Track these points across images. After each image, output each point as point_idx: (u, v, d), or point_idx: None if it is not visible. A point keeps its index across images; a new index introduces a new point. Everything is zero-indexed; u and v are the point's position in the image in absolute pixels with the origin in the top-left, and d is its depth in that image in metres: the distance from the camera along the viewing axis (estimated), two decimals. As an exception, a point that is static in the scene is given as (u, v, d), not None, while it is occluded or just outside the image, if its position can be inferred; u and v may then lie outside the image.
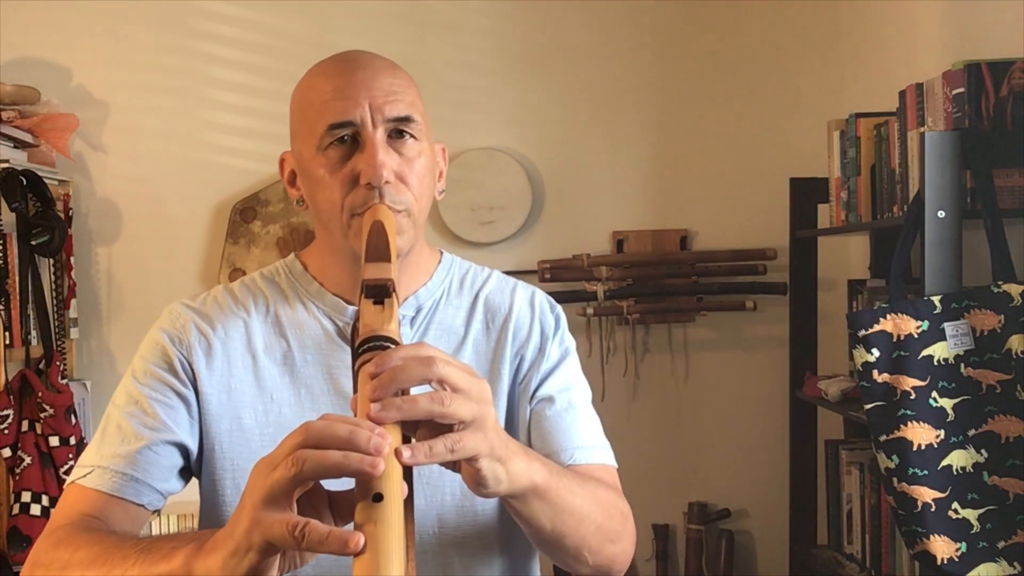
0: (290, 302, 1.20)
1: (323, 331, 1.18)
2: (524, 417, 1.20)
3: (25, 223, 2.50)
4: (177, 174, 2.92)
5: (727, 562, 2.94)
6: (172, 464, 1.14)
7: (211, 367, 1.16)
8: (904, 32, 2.62)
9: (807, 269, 2.76)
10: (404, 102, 1.12)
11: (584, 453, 1.17)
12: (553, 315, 1.26)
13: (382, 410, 0.82)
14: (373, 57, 1.17)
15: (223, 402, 1.15)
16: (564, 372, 1.23)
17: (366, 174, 1.08)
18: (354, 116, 1.09)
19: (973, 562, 1.71)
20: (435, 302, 1.22)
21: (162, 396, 1.14)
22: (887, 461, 1.76)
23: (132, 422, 1.12)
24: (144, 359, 1.17)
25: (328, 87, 1.12)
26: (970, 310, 1.75)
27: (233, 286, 1.24)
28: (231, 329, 1.18)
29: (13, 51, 2.85)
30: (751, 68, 3.01)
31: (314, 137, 1.11)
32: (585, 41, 2.99)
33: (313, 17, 2.92)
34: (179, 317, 1.19)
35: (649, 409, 3.03)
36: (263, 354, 1.17)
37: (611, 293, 2.90)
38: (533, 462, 0.97)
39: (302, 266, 1.23)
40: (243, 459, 1.14)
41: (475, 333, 1.21)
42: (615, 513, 1.11)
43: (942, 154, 1.79)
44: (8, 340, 2.45)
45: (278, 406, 1.16)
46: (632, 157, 3.01)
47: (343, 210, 1.10)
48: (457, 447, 0.85)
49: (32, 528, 2.39)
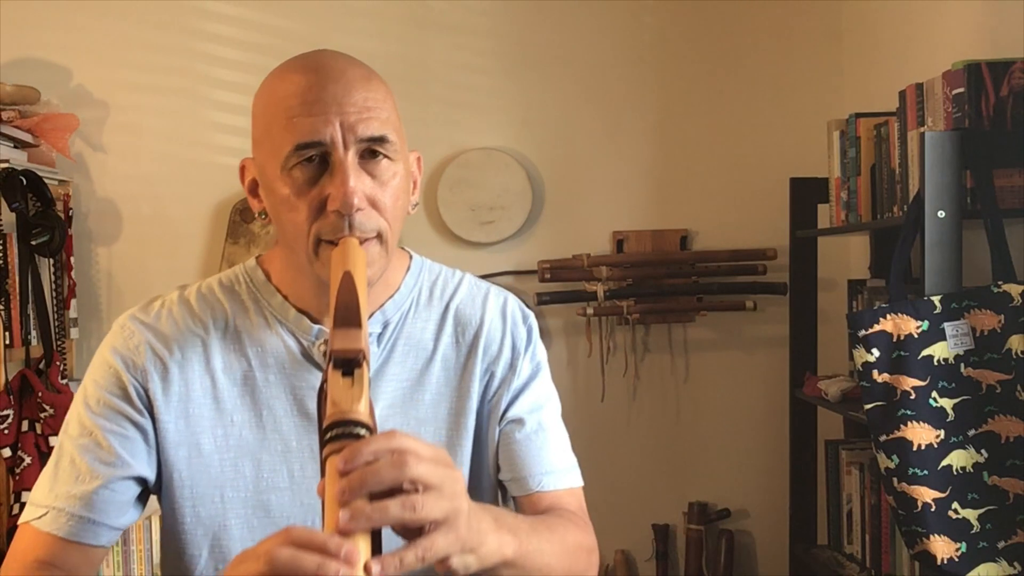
0: (251, 316, 1.13)
1: (286, 350, 1.12)
2: (493, 437, 1.17)
3: (25, 223, 2.50)
4: (177, 174, 2.92)
5: (727, 562, 2.94)
6: (129, 497, 1.09)
7: (168, 392, 1.10)
8: (904, 32, 2.62)
9: (807, 269, 2.76)
10: (379, 119, 1.03)
11: (552, 479, 1.17)
12: (525, 326, 1.21)
13: (351, 521, 0.79)
14: (346, 64, 1.06)
15: (181, 428, 1.10)
16: (535, 389, 1.19)
17: (335, 201, 1.01)
18: (324, 136, 1.01)
19: (973, 562, 1.71)
20: (403, 316, 1.16)
21: (117, 427, 1.08)
22: (887, 461, 1.76)
23: (87, 457, 1.07)
24: (97, 385, 1.11)
25: (296, 100, 1.03)
26: (970, 310, 1.75)
27: (189, 296, 1.16)
28: (188, 350, 1.11)
29: (13, 51, 2.85)
30: (751, 68, 3.01)
31: (279, 154, 1.03)
32: (585, 41, 2.99)
33: (313, 17, 2.93)
34: (132, 336, 1.12)
35: (649, 409, 3.03)
36: (222, 374, 1.11)
37: (611, 293, 2.90)
38: (504, 535, 0.95)
39: (264, 275, 1.16)
40: (203, 485, 1.10)
41: (444, 348, 1.17)
42: (580, 554, 1.11)
43: (942, 154, 1.79)
44: (8, 340, 2.45)
45: (238, 429, 1.11)
46: (632, 157, 3.01)
47: (309, 235, 1.03)
48: (428, 555, 0.83)
49: (32, 528, 2.39)
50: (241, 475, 1.10)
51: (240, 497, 1.10)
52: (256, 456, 1.10)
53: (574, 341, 3.00)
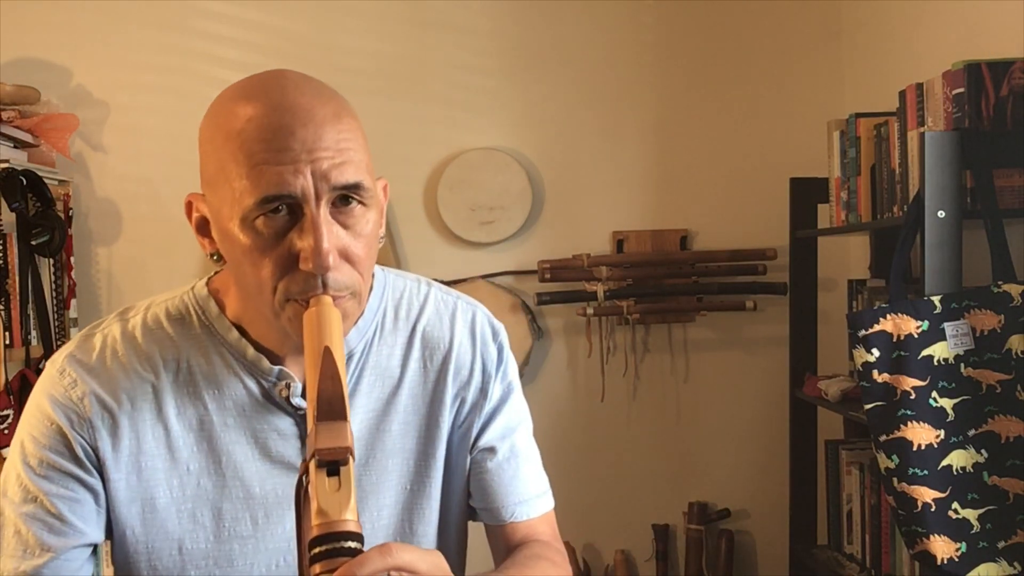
0: (206, 356, 1.04)
1: (246, 392, 1.04)
2: (463, 465, 1.14)
3: (25, 223, 2.50)
4: (177, 174, 2.92)
5: (727, 562, 2.94)
6: (81, 563, 1.01)
7: (117, 448, 1.01)
8: (904, 32, 2.62)
9: (807, 269, 2.76)
10: (353, 164, 0.93)
11: (524, 508, 1.15)
12: (496, 344, 1.15)
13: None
14: (313, 100, 0.94)
15: (133, 484, 1.02)
16: (507, 412, 1.15)
17: (307, 261, 0.91)
18: (294, 188, 0.90)
19: (973, 562, 1.71)
20: (368, 343, 1.09)
21: (66, 490, 0.99)
22: (887, 461, 1.76)
23: (34, 528, 0.98)
24: (37, 443, 1.00)
25: (259, 144, 0.91)
26: (970, 310, 1.75)
27: (134, 329, 1.05)
28: (138, 398, 1.01)
29: (13, 51, 2.85)
30: (751, 68, 3.01)
31: (239, 204, 0.92)
32: (585, 41, 2.99)
33: (313, 17, 2.93)
34: (74, 387, 1.01)
35: (649, 409, 3.03)
36: (175, 420, 1.03)
37: (611, 293, 2.90)
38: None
39: (217, 306, 1.06)
40: (159, 540, 1.03)
41: (412, 373, 1.10)
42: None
43: (942, 154, 1.79)
44: (8, 340, 2.45)
45: (195, 478, 1.03)
46: (632, 157, 3.01)
47: (276, 292, 0.94)
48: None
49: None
50: (200, 526, 1.03)
51: (200, 549, 1.04)
52: (216, 505, 1.03)
53: (574, 341, 3.00)
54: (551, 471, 1.25)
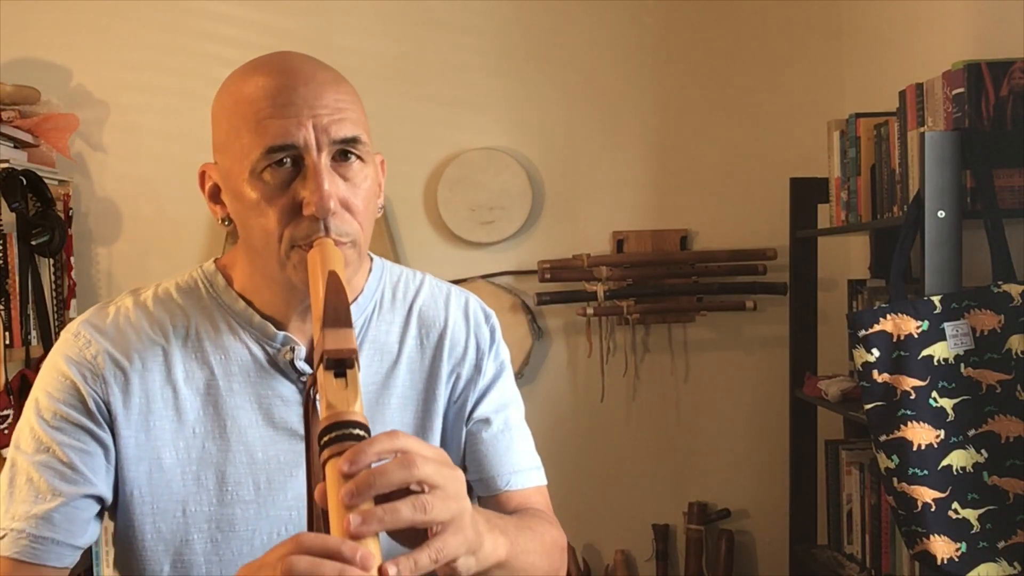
0: (213, 323, 1.09)
1: (251, 358, 1.09)
2: (459, 438, 1.17)
3: (25, 223, 2.50)
4: (177, 174, 2.92)
5: (727, 562, 2.94)
6: (90, 515, 1.05)
7: (128, 405, 1.06)
8: (904, 32, 2.62)
9: (807, 269, 2.76)
10: (351, 120, 1.02)
11: (519, 478, 1.18)
12: (488, 326, 1.21)
13: (363, 525, 0.78)
14: (316, 67, 1.05)
15: (141, 443, 1.06)
16: (500, 389, 1.20)
17: (311, 205, 0.98)
18: (297, 138, 0.99)
19: (973, 562, 1.71)
20: (367, 319, 1.15)
21: (77, 442, 1.04)
22: (887, 461, 1.76)
23: (46, 475, 1.02)
24: (52, 397, 1.05)
25: (265, 102, 1.00)
26: (970, 310, 1.75)
27: (146, 300, 1.11)
28: (149, 359, 1.07)
29: (13, 51, 2.85)
30: (751, 68, 3.01)
31: (247, 158, 1.00)
32: (585, 41, 2.99)
33: (313, 17, 2.93)
34: (89, 346, 1.07)
35: (649, 409, 3.03)
36: (184, 385, 1.07)
37: (611, 293, 2.90)
38: (498, 537, 0.95)
39: (225, 280, 1.12)
40: (164, 500, 1.06)
41: (409, 350, 1.16)
42: (555, 552, 1.13)
43: (942, 154, 1.79)
44: (8, 340, 2.45)
45: (200, 440, 1.07)
46: (632, 157, 3.01)
47: (281, 241, 1.01)
48: (440, 555, 0.83)
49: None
50: (204, 488, 1.07)
51: (203, 511, 1.07)
52: (220, 468, 1.07)
53: (574, 341, 3.00)
54: (551, 471, 1.25)
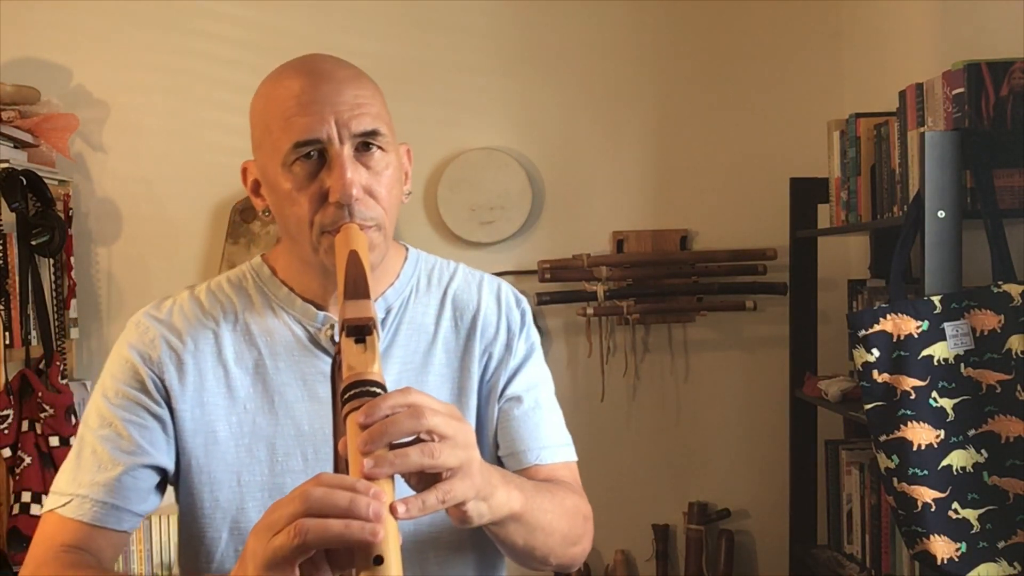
0: (259, 309, 1.19)
1: (294, 338, 1.18)
2: (492, 415, 1.22)
3: (25, 223, 2.50)
4: (177, 174, 2.92)
5: (727, 562, 2.94)
6: (149, 485, 1.14)
7: (183, 383, 1.15)
8: (904, 32, 2.62)
9: (807, 269, 2.76)
10: (370, 115, 1.10)
11: (549, 453, 1.22)
12: (519, 309, 1.27)
13: (376, 467, 0.84)
14: (336, 66, 1.14)
15: (197, 416, 1.15)
16: (530, 369, 1.25)
17: (335, 192, 1.07)
18: (320, 133, 1.08)
19: (973, 562, 1.71)
20: (404, 301, 1.22)
21: (136, 417, 1.14)
22: (887, 461, 1.76)
23: (107, 447, 1.12)
24: (115, 378, 1.16)
25: (292, 101, 1.10)
26: (970, 310, 1.75)
27: (199, 293, 1.22)
28: (201, 341, 1.17)
29: (13, 51, 2.85)
30: (751, 68, 3.01)
31: (279, 153, 1.10)
32: (585, 41, 2.99)
33: (313, 17, 2.93)
34: (147, 332, 1.17)
35: (649, 409, 3.03)
36: (234, 364, 1.17)
37: (611, 293, 2.90)
38: (512, 491, 1.01)
39: (270, 270, 1.22)
40: (220, 471, 1.15)
41: (444, 331, 1.23)
42: (578, 518, 1.17)
43: (942, 154, 1.79)
44: (8, 340, 2.45)
45: (251, 416, 1.16)
46: (632, 157, 3.01)
47: (312, 227, 1.10)
48: (448, 497, 0.89)
49: (32, 528, 2.37)
50: (256, 460, 1.15)
51: (256, 481, 1.15)
52: (270, 441, 1.15)
53: (574, 341, 3.00)
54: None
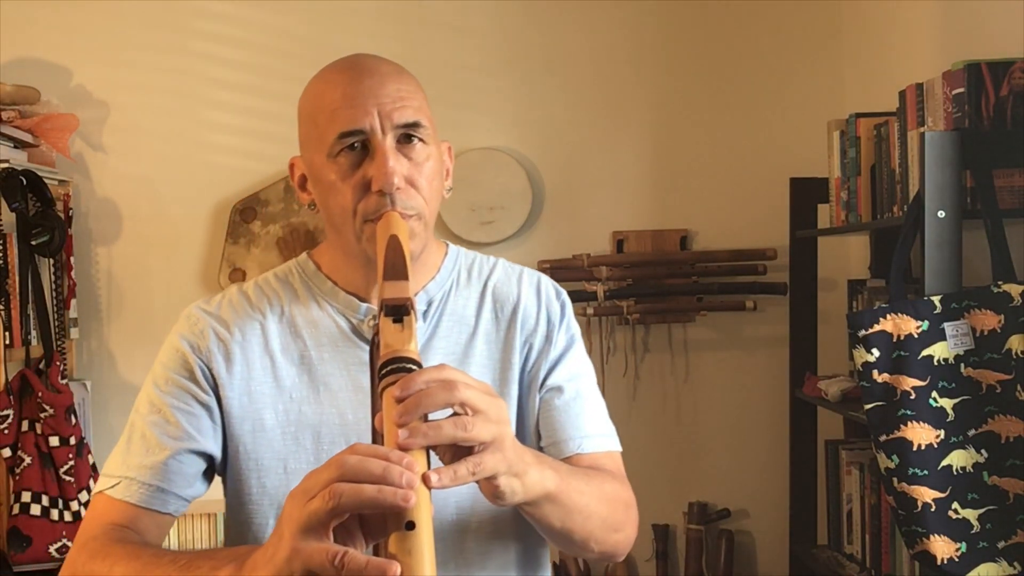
0: (304, 302, 1.23)
1: (338, 329, 1.21)
2: (533, 406, 1.23)
3: (25, 223, 2.50)
4: (177, 174, 2.92)
5: (727, 562, 2.94)
6: (196, 471, 1.17)
7: (231, 371, 1.19)
8: (904, 32, 2.62)
9: (807, 269, 2.76)
10: (412, 107, 1.14)
11: (590, 442, 1.22)
12: (559, 301, 1.29)
13: (410, 437, 0.86)
14: (379, 62, 1.19)
15: (244, 404, 1.18)
16: (571, 360, 1.26)
17: (378, 181, 1.10)
18: (363, 124, 1.12)
19: (973, 562, 1.71)
20: (445, 294, 1.25)
21: (184, 404, 1.17)
22: (887, 461, 1.76)
23: (156, 431, 1.16)
24: (165, 367, 1.20)
25: (337, 95, 1.14)
26: (970, 310, 1.75)
27: (247, 288, 1.26)
28: (248, 332, 1.21)
29: (13, 51, 2.85)
30: (751, 68, 3.01)
31: (324, 144, 1.13)
32: (585, 41, 2.99)
33: (313, 17, 2.92)
34: (197, 322, 1.21)
35: (649, 409, 3.03)
36: (280, 355, 1.20)
37: (611, 293, 2.90)
38: (546, 470, 1.02)
39: (315, 265, 1.26)
40: (267, 458, 1.18)
41: (485, 323, 1.25)
42: (619, 504, 1.16)
43: (942, 154, 1.79)
44: (8, 340, 2.45)
45: (297, 404, 1.19)
46: (632, 157, 3.01)
47: (355, 216, 1.13)
48: (478, 469, 0.91)
49: (32, 528, 2.39)
50: (302, 448, 1.18)
51: (302, 468, 1.16)
52: (316, 430, 1.18)
53: (574, 341, 3.00)
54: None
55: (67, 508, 2.44)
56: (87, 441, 2.62)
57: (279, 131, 2.87)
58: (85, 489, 2.51)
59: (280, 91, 2.83)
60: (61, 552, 2.42)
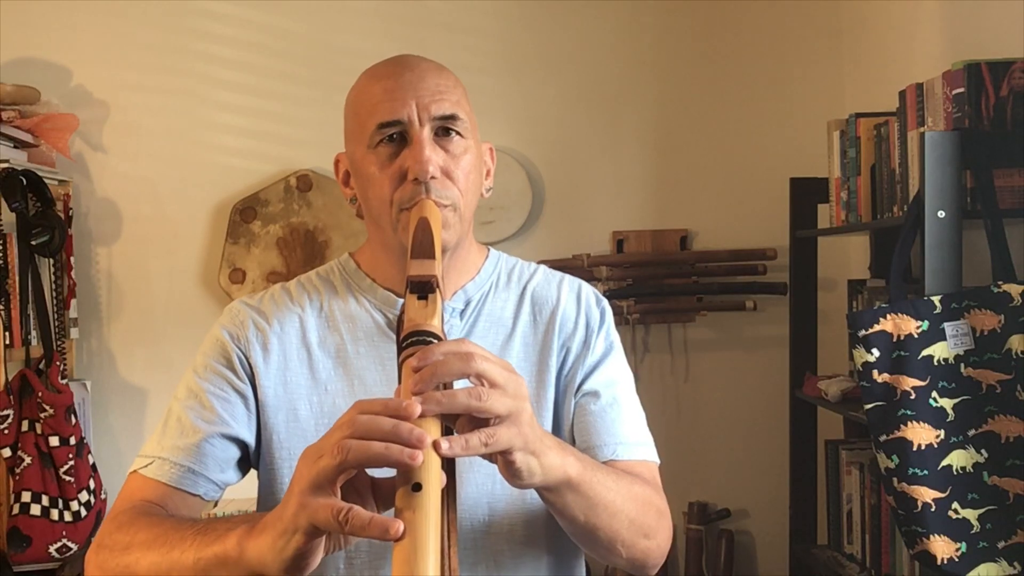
0: (343, 297, 1.25)
1: (375, 324, 1.23)
2: (569, 410, 1.23)
3: (25, 223, 2.50)
4: (177, 174, 2.92)
5: (727, 562, 2.94)
6: (228, 456, 1.19)
7: (268, 361, 1.21)
8: (904, 32, 2.62)
9: (807, 269, 2.76)
10: (450, 101, 1.17)
11: (625, 449, 1.21)
12: (599, 308, 1.29)
13: (423, 404, 0.86)
14: (420, 60, 1.22)
15: (279, 394, 1.20)
16: (609, 366, 1.25)
17: (413, 169, 1.13)
18: (402, 115, 1.14)
19: (973, 562, 1.71)
20: (483, 295, 1.26)
21: (220, 391, 1.19)
22: (887, 461, 1.76)
23: (191, 415, 1.18)
24: (205, 355, 1.23)
25: (378, 89, 1.17)
26: (970, 310, 1.75)
27: (290, 285, 1.29)
28: (287, 324, 1.23)
29: (13, 51, 2.85)
30: (751, 68, 3.01)
31: (365, 136, 1.16)
32: (585, 41, 2.99)
33: (313, 17, 2.92)
34: (238, 314, 1.24)
35: (649, 409, 3.00)
36: (317, 348, 1.22)
37: (611, 293, 2.90)
38: (567, 456, 1.01)
39: (355, 264, 1.28)
40: (299, 449, 1.17)
41: (523, 325, 1.25)
42: (650, 509, 1.14)
43: (942, 154, 1.79)
44: (8, 340, 2.45)
45: (332, 397, 1.20)
46: (632, 157, 3.01)
47: (392, 205, 1.15)
48: (491, 441, 0.90)
49: (32, 528, 2.39)
50: None
51: None
52: None
53: (574, 341, 3.00)
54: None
55: (67, 508, 2.44)
56: (87, 441, 2.62)
57: (279, 131, 2.87)
58: (85, 489, 2.51)
59: (280, 91, 2.83)
60: (61, 552, 2.42)
